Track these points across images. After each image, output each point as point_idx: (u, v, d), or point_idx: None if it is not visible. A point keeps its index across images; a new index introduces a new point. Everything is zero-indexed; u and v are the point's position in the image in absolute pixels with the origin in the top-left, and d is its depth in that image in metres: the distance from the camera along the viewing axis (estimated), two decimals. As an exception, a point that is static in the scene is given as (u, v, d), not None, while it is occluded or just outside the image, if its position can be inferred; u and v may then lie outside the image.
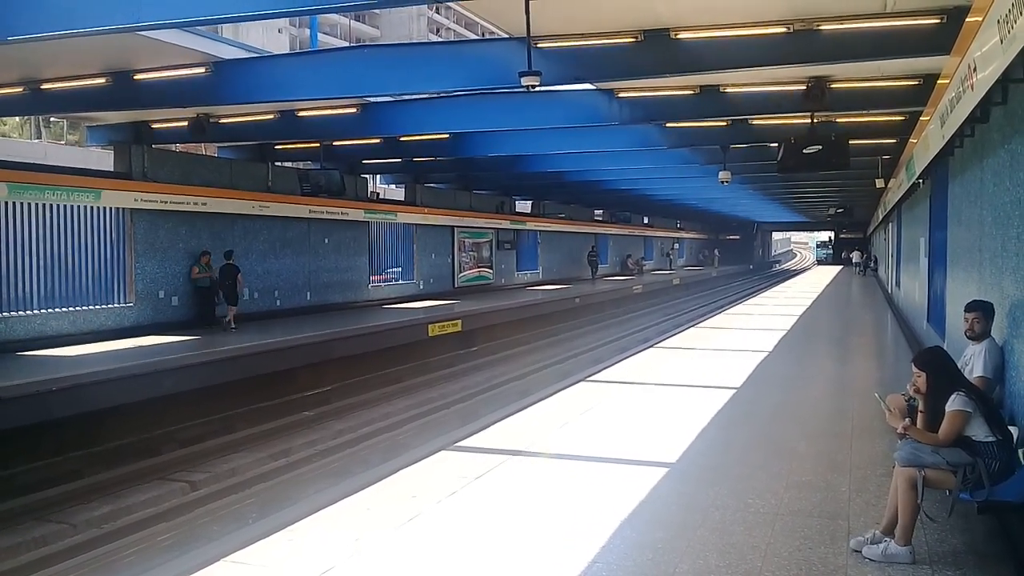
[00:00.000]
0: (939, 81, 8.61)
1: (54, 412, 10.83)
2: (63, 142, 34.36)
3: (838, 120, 15.08)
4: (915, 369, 4.89)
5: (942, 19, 8.52)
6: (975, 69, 5.80)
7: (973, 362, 5.44)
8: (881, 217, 31.84)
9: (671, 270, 55.00)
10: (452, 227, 28.59)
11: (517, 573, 4.49)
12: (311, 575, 4.42)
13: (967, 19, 6.19)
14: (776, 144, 14.10)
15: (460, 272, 29.40)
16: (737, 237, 77.61)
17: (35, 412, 10.58)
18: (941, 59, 8.40)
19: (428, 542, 4.92)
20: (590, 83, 12.52)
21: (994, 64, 5.14)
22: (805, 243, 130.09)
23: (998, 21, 4.79)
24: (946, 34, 8.00)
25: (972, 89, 6.03)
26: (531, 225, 35.54)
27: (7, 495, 9.52)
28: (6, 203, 14.04)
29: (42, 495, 9.57)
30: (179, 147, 18.64)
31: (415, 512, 5.41)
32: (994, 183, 6.59)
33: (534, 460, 6.74)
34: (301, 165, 22.41)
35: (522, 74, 8.80)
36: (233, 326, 16.93)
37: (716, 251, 69.82)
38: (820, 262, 76.95)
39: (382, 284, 24.87)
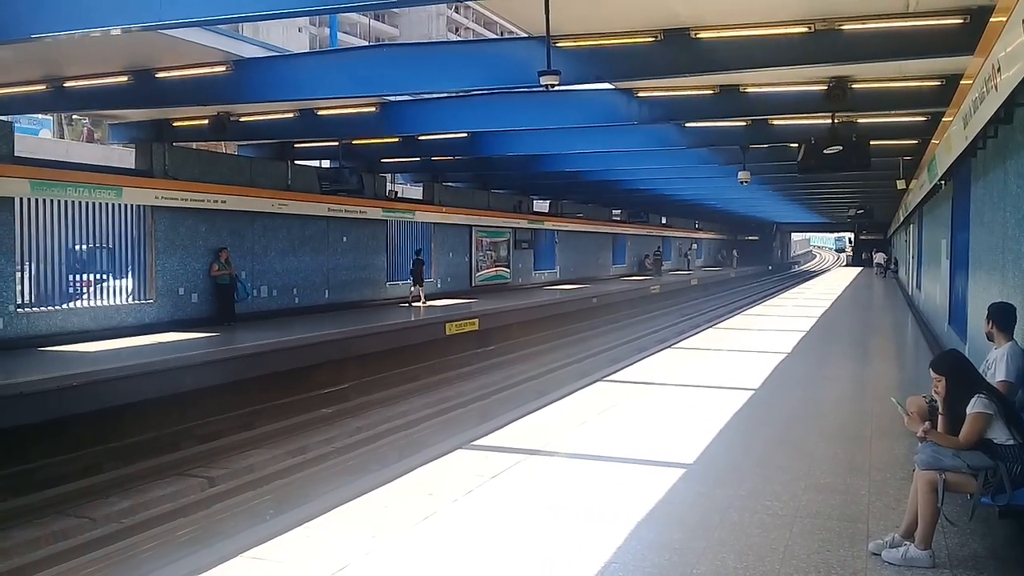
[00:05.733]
0: (962, 82, 8.55)
1: (74, 407, 10.92)
2: (83, 136, 34.64)
3: (859, 120, 14.95)
4: (933, 374, 4.84)
5: (965, 19, 8.42)
6: (999, 69, 5.75)
7: (996, 366, 5.37)
8: (902, 219, 31.60)
9: (689, 270, 54.83)
10: (470, 226, 28.61)
11: (533, 572, 4.49)
12: (327, 572, 4.43)
13: (991, 19, 6.14)
14: (796, 144, 14.00)
15: (477, 271, 29.43)
16: (756, 238, 77.21)
17: (56, 407, 10.68)
18: (964, 59, 8.34)
19: (444, 540, 4.93)
20: (609, 83, 12.49)
21: (1019, 64, 5.10)
22: (829, 248, 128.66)
23: (1023, 21, 4.74)
24: (969, 34, 7.93)
25: (996, 89, 5.98)
26: (549, 224, 35.50)
27: (28, 489, 9.63)
28: (28, 200, 14.17)
29: (62, 489, 9.67)
30: (199, 145, 18.74)
31: (432, 510, 5.42)
32: (1018, 184, 6.53)
33: (551, 459, 6.73)
34: (320, 163, 22.51)
35: (541, 73, 8.77)
36: (422, 303, 22.32)
37: (735, 252, 69.51)
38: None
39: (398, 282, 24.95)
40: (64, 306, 14.85)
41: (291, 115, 15.22)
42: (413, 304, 22.45)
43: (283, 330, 16.28)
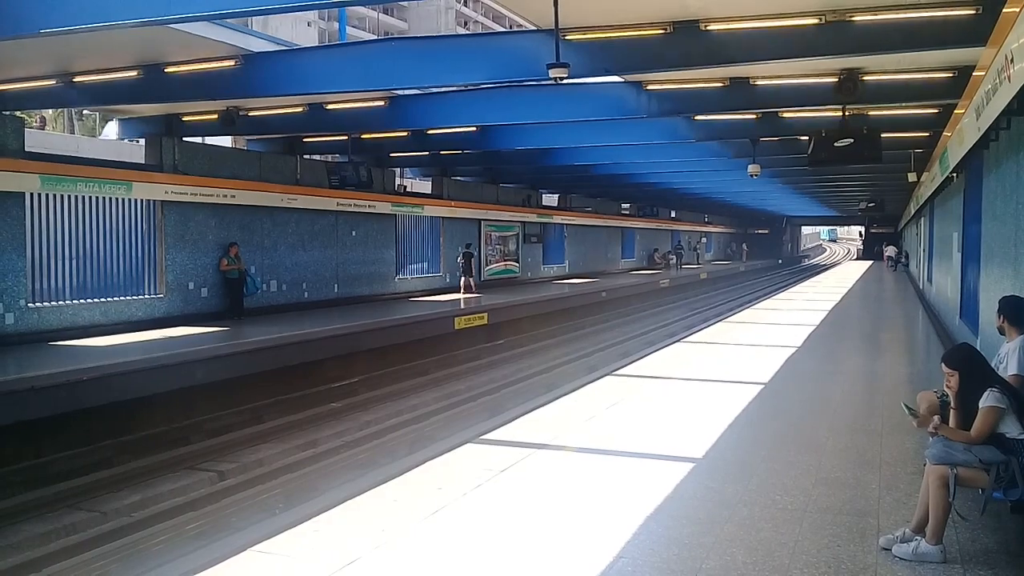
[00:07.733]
0: (975, 73, 8.46)
1: (85, 401, 10.97)
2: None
3: (870, 113, 14.85)
4: (946, 369, 4.81)
5: (978, 10, 8.34)
6: (1012, 60, 5.69)
7: (1008, 360, 5.32)
8: (913, 211, 31.43)
9: (698, 264, 54.70)
10: (479, 220, 28.62)
11: (542, 566, 4.48)
12: (337, 566, 4.44)
13: (1004, 10, 6.07)
14: (807, 137, 13.91)
15: (486, 265, 29.42)
16: (766, 231, 76.99)
17: (66, 401, 10.73)
18: (977, 51, 8.25)
19: (453, 534, 4.93)
20: (618, 75, 12.42)
21: (1032, 55, 5.04)
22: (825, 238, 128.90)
23: (1037, 11, 4.69)
24: (982, 25, 7.85)
25: (1009, 81, 5.92)
26: (558, 219, 35.47)
27: (39, 483, 9.67)
28: (39, 195, 14.22)
29: (73, 483, 9.70)
30: (209, 140, 18.78)
31: (441, 504, 5.42)
32: (1031, 177, 6.47)
33: (560, 454, 6.72)
34: (329, 158, 22.52)
35: (550, 66, 8.73)
36: (463, 293, 24.43)
37: (744, 245, 69.31)
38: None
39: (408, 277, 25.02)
40: (74, 301, 14.91)
41: (300, 109, 15.20)
42: (469, 291, 24.69)
43: (292, 324, 16.31)
